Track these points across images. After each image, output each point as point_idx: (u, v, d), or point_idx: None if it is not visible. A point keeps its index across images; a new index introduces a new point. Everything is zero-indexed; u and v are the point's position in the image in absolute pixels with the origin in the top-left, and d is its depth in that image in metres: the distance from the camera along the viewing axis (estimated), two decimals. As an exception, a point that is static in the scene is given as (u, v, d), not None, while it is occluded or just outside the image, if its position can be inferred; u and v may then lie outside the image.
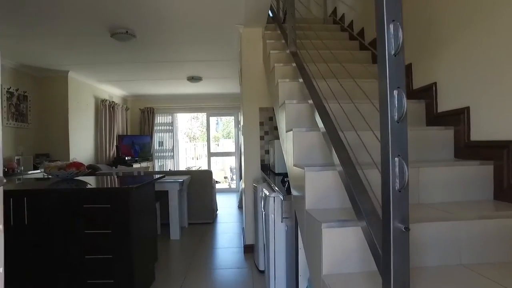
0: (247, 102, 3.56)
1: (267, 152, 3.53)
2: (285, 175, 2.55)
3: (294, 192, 1.69)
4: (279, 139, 3.47)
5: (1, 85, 4.49)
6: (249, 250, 3.51)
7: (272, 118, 3.54)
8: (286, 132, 1.88)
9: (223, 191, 8.17)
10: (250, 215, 3.54)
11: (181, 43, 4.06)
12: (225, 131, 11.58)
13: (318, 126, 1.54)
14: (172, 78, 6.00)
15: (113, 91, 7.04)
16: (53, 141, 5.24)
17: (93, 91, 6.19)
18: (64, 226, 2.32)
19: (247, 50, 3.58)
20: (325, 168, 1.41)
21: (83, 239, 2.30)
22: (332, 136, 1.36)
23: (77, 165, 2.89)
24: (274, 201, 2.22)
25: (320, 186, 1.40)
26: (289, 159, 1.79)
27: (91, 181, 2.89)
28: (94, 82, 6.12)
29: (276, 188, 2.15)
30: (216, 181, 6.05)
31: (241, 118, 4.20)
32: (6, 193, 2.50)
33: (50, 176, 3.07)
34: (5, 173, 4.09)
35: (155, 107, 8.07)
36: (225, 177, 9.49)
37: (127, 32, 3.49)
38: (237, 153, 8.12)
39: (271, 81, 2.73)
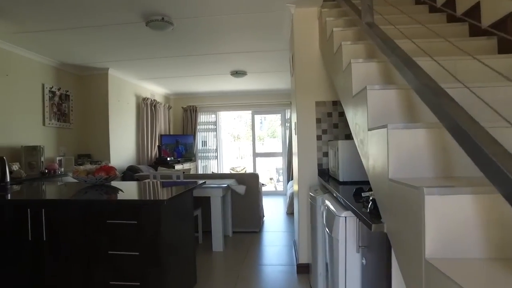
0: (301, 95, 3.01)
1: (326, 154, 2.96)
2: (357, 185, 1.96)
3: (389, 220, 1.13)
4: (340, 139, 2.91)
5: (43, 85, 4.37)
6: (303, 270, 2.97)
7: (331, 114, 2.96)
8: (370, 130, 1.32)
9: (269, 193, 7.68)
10: (304, 228, 3.00)
11: (223, 31, 3.61)
12: (270, 130, 11.10)
13: (416, 120, 0.99)
14: (214, 73, 5.61)
15: (154, 89, 6.83)
16: (94, 141, 5.08)
17: (134, 89, 5.99)
18: (85, 244, 1.95)
19: (300, 34, 3.03)
20: (459, 189, 0.84)
21: (106, 261, 1.91)
22: (475, 135, 0.78)
23: (107, 169, 2.54)
24: (346, 222, 1.66)
25: (452, 220, 0.83)
26: (378, 169, 1.23)
27: (123, 188, 2.53)
28: (135, 80, 5.91)
29: (349, 204, 1.59)
30: (262, 184, 5.57)
31: (292, 115, 3.66)
32: (23, 203, 2.09)
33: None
34: (47, 175, 3.92)
35: (198, 105, 7.78)
36: (271, 179, 8.99)
37: (163, 19, 3.10)
38: (284, 153, 7.59)
39: (335, 66, 2.17)
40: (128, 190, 2.43)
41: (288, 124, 7.54)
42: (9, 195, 2.41)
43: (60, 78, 4.68)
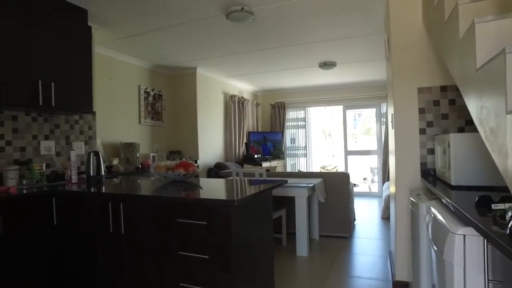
0: (399, 82, 2.53)
1: (431, 151, 2.42)
2: (477, 191, 1.48)
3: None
4: (451, 132, 2.35)
5: (139, 86, 4.70)
6: (402, 289, 2.50)
7: (438, 102, 2.41)
8: (510, 113, 0.89)
9: (361, 195, 7.07)
10: (403, 239, 2.52)
11: (308, 17, 3.30)
12: (364, 127, 10.31)
13: None
14: (301, 66, 5.32)
15: (242, 86, 6.86)
16: (184, 138, 5.30)
17: (222, 86, 6.09)
18: (157, 241, 1.88)
19: (397, 8, 2.55)
20: None
21: (177, 262, 1.81)
22: None
23: (186, 165, 2.48)
24: (464, 243, 1.22)
25: None
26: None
27: (203, 185, 2.44)
28: (222, 77, 6.00)
29: (470, 219, 1.15)
30: (354, 184, 5.08)
31: (388, 108, 3.17)
32: (106, 197, 2.10)
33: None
34: (141, 169, 4.17)
35: (286, 101, 7.60)
36: (364, 179, 8.30)
37: (242, 9, 2.95)
38: (380, 151, 6.90)
39: (447, 38, 1.69)
40: (207, 187, 2.33)
41: (384, 119, 6.82)
42: (103, 188, 2.53)
43: (154, 79, 4.99)
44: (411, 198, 2.26)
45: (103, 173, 2.92)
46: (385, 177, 6.52)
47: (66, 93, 2.75)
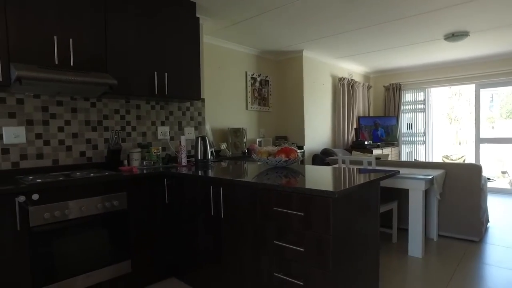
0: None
1: None
2: None
3: None
4: None
5: (246, 72, 4.81)
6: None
7: None
8: None
9: (499, 192, 5.90)
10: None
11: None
12: (503, 109, 8.56)
13: None
14: (421, 40, 4.63)
15: (352, 68, 6.41)
16: (290, 123, 5.26)
17: (330, 69, 5.78)
18: (254, 229, 1.86)
19: None
20: None
21: (272, 251, 1.76)
22: None
23: (287, 151, 2.40)
24: None
25: None
26: None
27: (306, 173, 2.32)
28: (330, 59, 5.68)
29: None
30: (488, 179, 4.24)
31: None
32: (205, 180, 2.17)
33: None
34: (248, 154, 4.30)
35: (402, 82, 6.82)
36: (504, 172, 6.91)
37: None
38: (526, 139, 5.61)
39: None
40: (309, 175, 2.20)
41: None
42: (209, 171, 2.64)
43: (260, 65, 5.06)
44: None
45: (209, 157, 3.07)
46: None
47: (177, 82, 2.96)
